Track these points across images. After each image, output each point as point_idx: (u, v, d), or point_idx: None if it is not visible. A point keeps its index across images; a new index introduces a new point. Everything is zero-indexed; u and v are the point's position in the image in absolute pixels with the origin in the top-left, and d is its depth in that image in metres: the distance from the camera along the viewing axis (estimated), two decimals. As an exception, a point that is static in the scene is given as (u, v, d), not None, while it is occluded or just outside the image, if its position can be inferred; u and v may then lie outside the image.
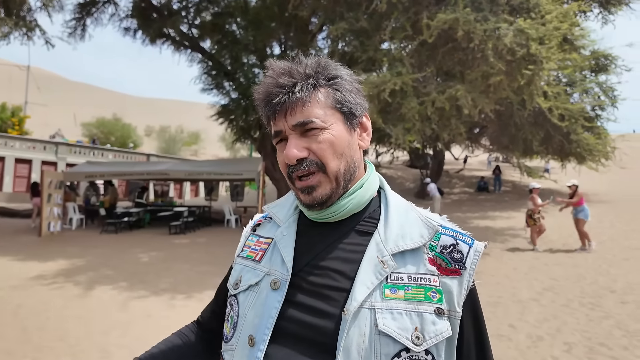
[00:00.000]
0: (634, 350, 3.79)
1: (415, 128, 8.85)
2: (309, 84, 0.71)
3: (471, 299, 0.70)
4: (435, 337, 0.64)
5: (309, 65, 0.73)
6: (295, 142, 0.71)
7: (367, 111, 0.79)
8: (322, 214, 0.75)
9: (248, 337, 0.69)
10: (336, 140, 0.71)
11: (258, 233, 0.84)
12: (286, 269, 0.71)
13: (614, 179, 21.28)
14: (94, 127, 39.15)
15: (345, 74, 0.76)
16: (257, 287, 0.74)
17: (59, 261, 7.70)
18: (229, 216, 13.45)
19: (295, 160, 0.70)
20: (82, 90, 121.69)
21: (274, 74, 0.72)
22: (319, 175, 0.71)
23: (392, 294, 0.66)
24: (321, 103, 0.71)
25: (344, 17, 9.54)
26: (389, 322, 0.64)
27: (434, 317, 0.65)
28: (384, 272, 0.67)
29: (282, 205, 0.85)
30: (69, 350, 3.84)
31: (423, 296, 0.66)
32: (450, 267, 0.69)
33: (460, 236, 0.72)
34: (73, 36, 13.79)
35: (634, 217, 12.58)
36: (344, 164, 0.72)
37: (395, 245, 0.70)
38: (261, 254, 0.78)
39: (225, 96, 13.73)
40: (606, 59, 15.48)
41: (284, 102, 0.70)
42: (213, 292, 4.02)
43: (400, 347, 0.63)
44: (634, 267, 7.13)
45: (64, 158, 22.48)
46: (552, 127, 13.90)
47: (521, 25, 7.77)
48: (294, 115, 0.70)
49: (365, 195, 0.76)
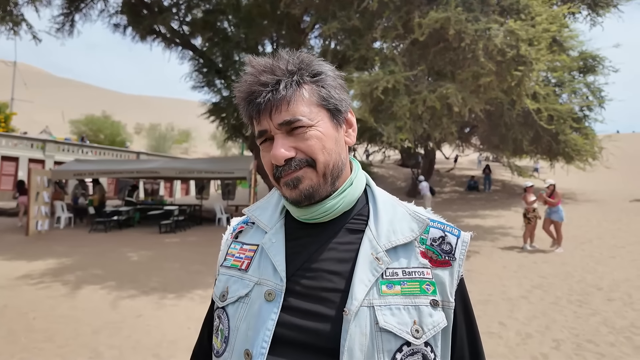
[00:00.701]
0: (620, 347, 3.86)
1: (406, 127, 8.89)
2: (293, 81, 0.68)
3: (460, 288, 0.72)
4: (433, 328, 0.65)
5: (291, 61, 0.70)
6: (282, 141, 0.68)
7: (351, 107, 0.77)
8: (314, 213, 0.72)
9: (244, 352, 0.66)
10: (324, 137, 0.69)
11: (241, 240, 0.80)
12: (279, 279, 0.69)
13: (600, 178, 21.64)
14: (82, 125, 38.58)
15: (329, 69, 0.73)
16: (247, 299, 0.70)
17: (47, 260, 7.59)
18: (220, 215, 13.38)
19: (283, 161, 0.68)
20: (70, 87, 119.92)
21: (255, 71, 0.69)
22: (305, 169, 0.69)
23: (389, 290, 0.66)
24: (306, 100, 0.69)
25: (336, 16, 9.54)
26: (389, 318, 0.64)
27: (430, 309, 0.66)
28: (379, 269, 0.67)
29: (264, 207, 0.81)
30: (58, 351, 3.78)
31: (419, 289, 0.67)
32: (441, 258, 0.70)
33: (447, 228, 0.74)
34: (61, 31, 13.57)
35: (620, 216, 12.81)
36: (332, 160, 0.71)
37: (387, 240, 0.70)
38: (247, 262, 0.75)
39: (216, 94, 13.65)
40: (594, 60, 15.73)
41: (268, 101, 0.67)
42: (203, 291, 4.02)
43: (402, 342, 0.63)
44: (619, 265, 7.26)
45: (52, 156, 22.12)
46: (541, 127, 14.06)
47: (511, 26, 7.84)
48: (279, 114, 0.67)
49: (355, 193, 0.76)
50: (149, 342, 3.98)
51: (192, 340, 3.72)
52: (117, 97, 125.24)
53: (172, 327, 4.41)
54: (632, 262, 7.44)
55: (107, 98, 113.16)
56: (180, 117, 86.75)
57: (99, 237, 10.72)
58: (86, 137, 32.51)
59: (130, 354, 3.73)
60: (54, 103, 79.89)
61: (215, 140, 47.09)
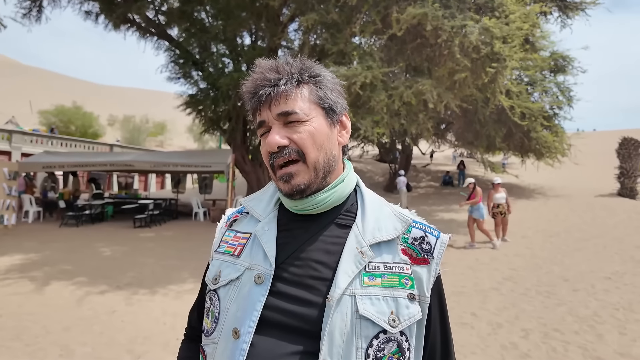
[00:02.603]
0: (584, 335, 4.05)
1: (383, 121, 8.98)
2: (293, 79, 0.76)
3: (437, 285, 0.78)
4: (409, 319, 0.71)
5: (294, 64, 0.78)
6: (277, 130, 0.75)
7: (347, 112, 0.85)
8: (305, 205, 0.78)
9: (232, 330, 0.71)
10: (316, 132, 0.76)
11: (235, 228, 0.86)
12: (269, 264, 0.74)
13: (568, 174, 22.48)
14: (52, 115, 37.10)
15: (328, 74, 0.81)
16: (238, 282, 0.75)
17: (13, 256, 7.31)
18: (197, 209, 13.18)
19: (276, 147, 0.74)
20: (38, 76, 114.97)
21: (262, 69, 0.77)
22: (298, 165, 0.75)
23: (370, 281, 0.71)
24: (304, 97, 0.76)
25: (315, 9, 9.49)
26: (368, 307, 0.69)
27: (407, 301, 0.72)
28: (363, 262, 0.72)
29: (259, 199, 0.87)
30: (26, 350, 3.66)
31: (397, 283, 0.72)
32: (420, 256, 0.76)
33: (428, 229, 0.80)
34: (27, 17, 12.96)
35: (586, 211, 13.35)
36: (323, 155, 0.76)
37: (372, 236, 0.75)
38: (240, 248, 0.80)
39: (193, 86, 13.37)
40: (564, 60, 16.28)
41: (269, 94, 0.75)
42: (179, 286, 3.97)
43: (379, 330, 0.69)
44: (585, 257, 7.59)
45: (19, 147, 21.18)
46: (513, 124, 14.49)
47: (486, 23, 8.01)
48: (277, 105, 0.75)
49: (346, 189, 0.81)
50: (123, 338, 3.91)
51: (168, 336, 3.72)
52: (89, 88, 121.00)
53: (147, 323, 4.34)
54: (596, 255, 7.79)
55: (78, 88, 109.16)
56: (155, 109, 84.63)
57: (70, 231, 10.39)
58: (56, 128, 31.29)
59: (104, 351, 3.66)
60: (20, 92, 76.46)
61: (192, 133, 46.24)
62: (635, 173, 16.26)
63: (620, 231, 10.00)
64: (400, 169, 18.53)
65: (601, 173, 24.48)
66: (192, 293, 5.39)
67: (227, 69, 12.77)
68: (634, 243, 8.64)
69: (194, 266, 6.82)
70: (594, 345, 3.79)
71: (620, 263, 7.12)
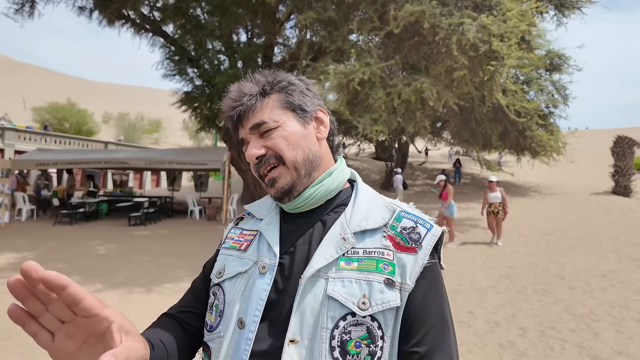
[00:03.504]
0: (580, 333, 4.06)
1: (382, 119, 8.95)
2: (257, 93, 0.80)
3: (429, 278, 0.71)
4: (382, 304, 0.67)
5: (258, 79, 0.82)
6: (253, 143, 0.79)
7: (322, 107, 0.86)
8: (295, 203, 0.80)
9: (238, 320, 0.73)
10: (289, 134, 0.78)
11: (241, 226, 0.90)
12: (273, 254, 0.76)
13: (564, 172, 22.60)
14: (46, 113, 36.75)
15: (293, 78, 0.84)
16: (245, 275, 0.77)
17: (6, 254, 7.22)
18: (193, 207, 13.11)
19: (255, 158, 0.79)
20: (32, 72, 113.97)
21: (230, 94, 0.82)
22: (279, 168, 0.79)
23: (346, 265, 0.71)
24: (270, 106, 0.79)
25: (312, 6, 9.44)
26: (338, 288, 0.69)
27: (382, 286, 0.69)
28: (344, 247, 0.73)
29: (262, 204, 0.91)
30: (17, 350, 3.61)
31: (374, 267, 0.70)
32: (407, 245, 0.73)
33: (420, 221, 0.77)
34: (20, 13, 12.80)
35: (581, 208, 13.42)
36: (300, 153, 0.79)
37: (358, 225, 0.75)
38: (246, 244, 0.83)
39: (188, 83, 13.28)
40: (560, 59, 16.33)
41: (238, 114, 0.80)
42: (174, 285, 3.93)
43: (346, 311, 0.67)
44: (580, 255, 7.62)
45: (12, 145, 20.95)
46: (509, 123, 14.53)
47: (484, 21, 8.00)
48: (247, 120, 0.80)
49: (334, 182, 0.82)
50: (117, 338, 3.86)
51: (163, 335, 3.55)
52: (84, 85, 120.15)
53: (143, 322, 4.27)
54: (591, 253, 7.82)
55: (72, 85, 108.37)
56: (151, 106, 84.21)
57: (64, 230, 10.30)
58: (50, 125, 31.02)
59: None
60: (13, 89, 75.78)
61: (188, 130, 46.02)
62: (630, 171, 16.37)
63: (615, 229, 10.06)
64: (397, 167, 18.54)
65: (595, 171, 24.65)
66: (188, 292, 5.34)
67: (222, 66, 12.69)
68: (629, 241, 8.69)
69: (190, 264, 6.77)
70: (590, 344, 3.80)
71: (615, 261, 7.15)
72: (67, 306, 0.53)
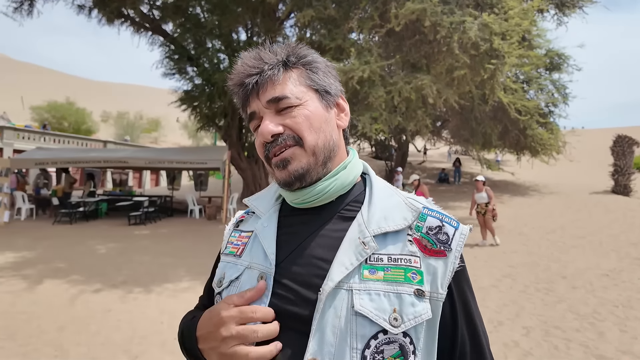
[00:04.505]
0: (585, 333, 4.04)
1: (382, 117, 8.93)
2: (280, 64, 0.71)
3: (459, 281, 0.68)
4: (414, 319, 0.62)
5: (280, 49, 0.73)
6: (270, 118, 0.70)
7: (343, 93, 0.79)
8: (306, 196, 0.72)
9: None
10: (312, 114, 0.70)
11: (240, 228, 0.82)
12: (269, 263, 0.68)
13: (564, 171, 22.62)
14: (44, 111, 36.63)
15: (318, 56, 0.76)
16: (237, 282, 0.71)
17: (5, 254, 7.18)
18: (193, 206, 13.07)
19: (270, 137, 0.69)
20: (30, 71, 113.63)
21: (245, 60, 0.72)
22: (293, 149, 0.69)
23: (370, 275, 0.64)
24: (294, 81, 0.71)
25: (311, 5, 9.41)
26: (366, 302, 0.61)
27: (413, 298, 0.63)
28: (364, 254, 0.65)
29: (263, 197, 0.83)
30: (19, 350, 3.58)
31: (403, 277, 0.64)
32: (436, 248, 0.67)
33: (446, 219, 0.71)
34: (19, 12, 12.74)
35: (581, 207, 13.42)
36: (322, 138, 0.70)
37: (377, 226, 0.67)
38: (242, 248, 0.76)
39: (188, 82, 13.24)
40: (559, 58, 16.32)
41: (255, 83, 0.70)
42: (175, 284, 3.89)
43: (378, 329, 0.61)
44: (581, 254, 7.61)
45: (11, 144, 20.86)
46: (509, 122, 14.53)
47: (485, 19, 7.98)
48: (265, 92, 0.70)
49: (349, 176, 0.75)
50: (119, 338, 3.83)
51: (166, 335, 3.61)
52: (82, 84, 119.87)
53: (144, 322, 4.27)
54: (592, 252, 7.81)
55: (71, 84, 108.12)
56: (150, 105, 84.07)
57: (63, 229, 10.25)
58: (48, 124, 30.91)
59: (99, 351, 3.58)
60: (12, 88, 75.55)
61: (187, 129, 45.92)
62: (629, 170, 16.38)
63: (615, 228, 10.06)
64: (397, 166, 18.54)
65: (595, 170, 24.67)
66: (189, 291, 5.31)
67: (222, 65, 12.65)
68: (629, 240, 8.69)
69: (190, 264, 6.73)
70: (595, 343, 3.78)
71: (617, 260, 7.14)
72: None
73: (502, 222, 10.77)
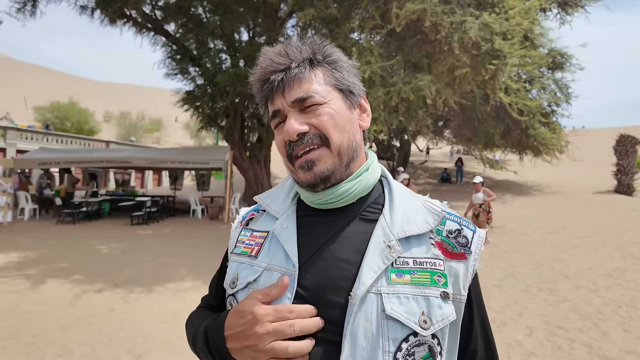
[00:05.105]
0: (588, 333, 4.03)
1: (381, 118, 8.92)
2: (305, 61, 0.70)
3: (475, 283, 0.71)
4: (442, 320, 0.64)
5: (305, 46, 0.72)
6: (295, 116, 0.69)
7: (364, 94, 0.79)
8: (328, 197, 0.71)
9: None
10: (337, 114, 0.70)
11: (251, 227, 0.80)
12: (292, 264, 0.68)
13: (566, 171, 22.55)
14: (47, 112, 36.75)
15: (342, 55, 0.76)
16: (255, 284, 0.70)
17: (9, 254, 7.21)
18: (195, 206, 13.10)
19: (296, 135, 0.68)
20: (33, 72, 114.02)
21: (270, 55, 0.71)
22: (320, 150, 0.69)
23: (398, 278, 0.65)
24: (319, 80, 0.70)
25: (313, 4, 9.40)
26: (396, 306, 0.63)
27: (440, 301, 0.65)
28: (390, 257, 0.66)
29: (275, 195, 0.82)
30: (23, 350, 3.59)
31: (429, 280, 0.66)
32: (457, 251, 0.69)
33: (464, 222, 0.73)
34: (22, 12, 12.79)
35: (584, 207, 13.38)
36: (346, 138, 0.70)
37: (401, 230, 0.69)
38: (257, 248, 0.74)
39: (190, 82, 13.25)
40: (562, 57, 16.29)
41: (281, 80, 0.69)
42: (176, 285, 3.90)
43: (409, 332, 0.62)
44: (584, 254, 7.59)
45: (14, 144, 20.96)
46: (512, 121, 14.51)
47: (486, 19, 7.97)
48: (291, 91, 0.69)
49: (372, 178, 0.75)
50: (123, 338, 3.85)
51: (169, 335, 3.62)
52: (85, 84, 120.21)
53: (147, 322, 4.28)
54: (595, 251, 7.79)
55: (73, 85, 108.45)
56: (152, 105, 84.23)
57: (66, 229, 10.29)
58: (51, 125, 31.02)
59: (103, 350, 3.59)
60: (15, 88, 75.81)
61: (189, 129, 45.98)
62: (632, 170, 16.32)
63: (618, 228, 10.02)
64: (399, 166, 18.53)
65: (597, 170, 24.58)
66: (191, 291, 5.32)
67: (224, 65, 12.66)
68: (632, 240, 8.66)
69: (192, 264, 6.75)
70: (599, 343, 3.77)
71: (620, 260, 7.12)
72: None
73: (504, 222, 10.75)
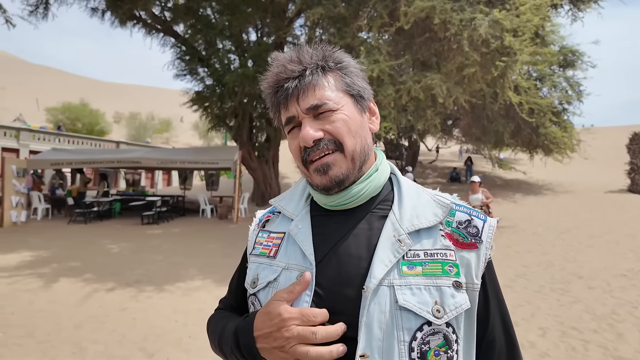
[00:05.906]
0: (602, 334, 3.96)
1: (390, 116, 8.88)
2: (318, 68, 0.73)
3: (490, 272, 0.72)
4: (455, 309, 0.65)
5: (316, 52, 0.74)
6: (310, 123, 0.72)
7: (373, 97, 0.82)
8: (341, 199, 0.74)
9: None
10: (350, 120, 0.72)
11: (268, 229, 0.84)
12: (309, 262, 0.70)
13: (577, 170, 22.25)
14: (59, 113, 37.28)
15: (351, 60, 0.78)
16: (275, 283, 0.73)
17: (22, 253, 7.32)
18: (204, 206, 13.18)
19: (312, 142, 0.71)
20: (45, 73, 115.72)
21: (282, 62, 0.73)
22: (335, 154, 0.71)
23: (409, 270, 0.67)
24: (331, 86, 0.73)
25: (321, 3, 9.39)
26: (408, 297, 0.65)
27: (452, 290, 0.66)
28: (401, 250, 0.68)
29: (289, 198, 0.85)
30: (38, 347, 3.64)
31: (441, 270, 0.67)
32: (467, 241, 0.71)
33: (474, 212, 0.75)
34: (34, 15, 12.98)
35: (596, 206, 13.20)
36: (359, 143, 0.73)
37: (410, 224, 0.71)
38: (275, 249, 0.78)
39: (199, 82, 13.34)
40: (573, 55, 16.04)
41: (295, 87, 0.71)
42: (187, 284, 3.93)
43: (422, 321, 0.64)
44: (597, 254, 7.48)
45: (27, 145, 21.30)
46: (522, 120, 14.32)
47: (496, 16, 7.87)
48: (306, 98, 0.71)
49: (382, 178, 0.78)
50: (135, 336, 3.88)
51: (180, 333, 3.64)
52: (96, 85, 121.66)
53: (159, 320, 4.31)
54: (608, 251, 7.67)
55: (84, 86, 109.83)
56: (161, 106, 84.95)
57: (78, 228, 10.42)
58: (63, 125, 31.46)
59: (116, 349, 3.63)
60: (27, 90, 77.00)
61: (198, 130, 46.30)
62: (646, 169, 16.05)
63: (632, 227, 9.87)
64: (407, 165, 18.44)
65: (609, 169, 24.22)
66: (201, 290, 5.36)
67: (233, 65, 12.72)
68: (647, 239, 8.51)
69: (202, 263, 6.79)
70: (614, 345, 3.71)
71: (634, 260, 7.00)
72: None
73: (516, 222, 10.65)
